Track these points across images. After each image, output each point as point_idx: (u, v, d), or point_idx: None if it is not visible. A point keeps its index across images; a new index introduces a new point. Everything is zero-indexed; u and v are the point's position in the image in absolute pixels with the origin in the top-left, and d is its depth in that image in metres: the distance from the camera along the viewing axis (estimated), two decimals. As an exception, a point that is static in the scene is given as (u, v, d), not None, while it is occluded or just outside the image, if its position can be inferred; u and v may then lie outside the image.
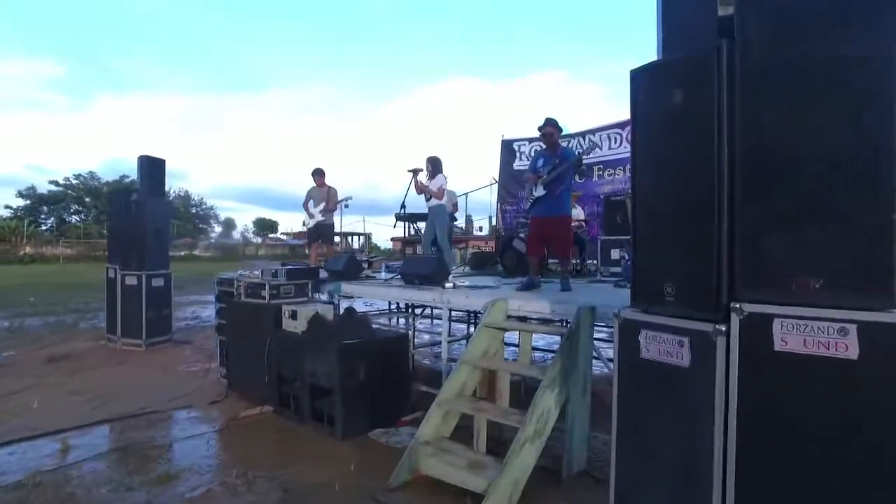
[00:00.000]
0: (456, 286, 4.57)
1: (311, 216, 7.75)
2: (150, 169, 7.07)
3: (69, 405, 4.31)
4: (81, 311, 9.75)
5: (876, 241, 1.58)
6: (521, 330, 3.64)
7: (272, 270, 4.81)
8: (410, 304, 5.35)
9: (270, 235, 46.79)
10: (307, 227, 7.89)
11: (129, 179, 34.93)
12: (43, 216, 39.12)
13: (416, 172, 6.42)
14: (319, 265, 6.15)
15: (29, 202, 38.26)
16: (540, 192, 4.58)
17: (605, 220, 7.31)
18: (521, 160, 10.09)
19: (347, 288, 5.11)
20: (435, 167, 6.49)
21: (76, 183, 39.99)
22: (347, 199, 8.02)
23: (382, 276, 5.78)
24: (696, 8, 2.03)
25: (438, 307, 4.52)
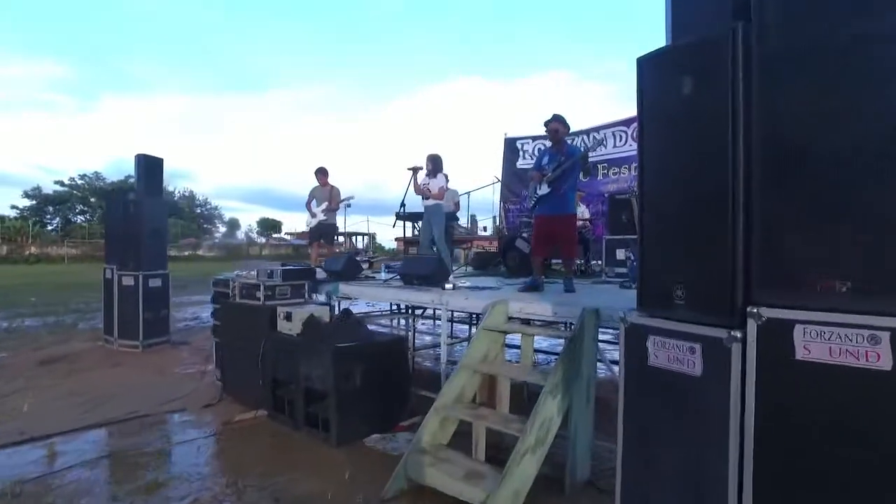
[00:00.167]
0: (456, 287, 4.44)
1: (313, 215, 7.64)
2: (147, 168, 6.97)
3: (61, 408, 4.20)
4: (82, 311, 9.68)
5: (910, 238, 1.43)
6: (521, 333, 3.51)
7: (268, 271, 4.71)
8: (409, 305, 5.23)
9: (274, 235, 46.75)
10: (309, 226, 7.78)
11: (133, 179, 35.01)
12: (48, 216, 39.22)
13: (415, 171, 6.30)
14: (319, 265, 6.04)
15: (35, 202, 38.40)
16: (544, 190, 4.45)
17: (609, 218, 7.18)
18: (524, 159, 9.98)
19: (345, 289, 4.99)
20: (435, 165, 6.36)
21: (81, 183, 40.11)
22: (350, 198, 7.91)
23: (382, 276, 5.66)
24: (708, -12, 1.90)
25: (437, 309, 4.39)
